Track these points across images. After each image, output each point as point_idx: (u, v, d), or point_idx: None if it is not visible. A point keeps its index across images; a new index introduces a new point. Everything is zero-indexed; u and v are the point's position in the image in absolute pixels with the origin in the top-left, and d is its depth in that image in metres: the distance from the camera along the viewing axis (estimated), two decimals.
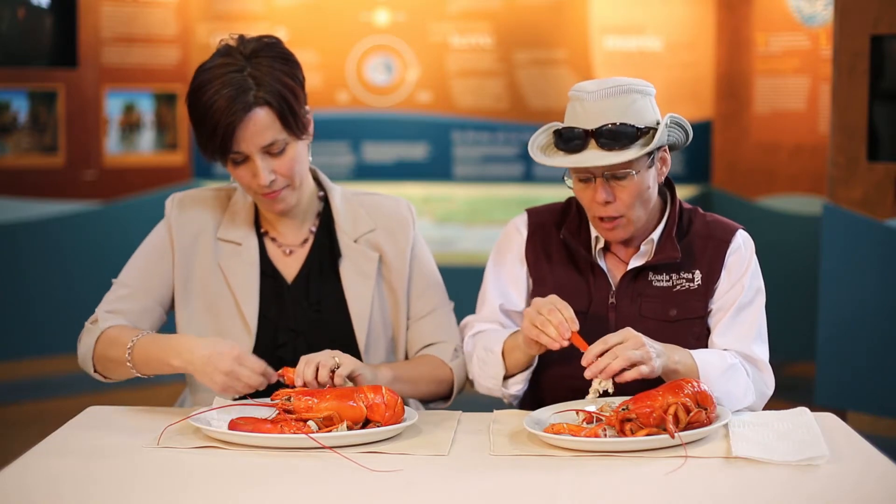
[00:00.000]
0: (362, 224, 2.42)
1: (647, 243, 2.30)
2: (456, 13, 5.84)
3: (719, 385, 2.15)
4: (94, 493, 1.78)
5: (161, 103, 5.83)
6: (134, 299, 2.37)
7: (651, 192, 2.25)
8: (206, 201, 2.41)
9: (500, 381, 2.28)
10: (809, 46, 5.47)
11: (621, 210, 2.22)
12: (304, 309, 2.36)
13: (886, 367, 4.21)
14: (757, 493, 1.76)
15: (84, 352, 2.33)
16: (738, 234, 2.32)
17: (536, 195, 5.74)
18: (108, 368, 2.31)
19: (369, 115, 5.84)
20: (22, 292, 5.46)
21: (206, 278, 2.36)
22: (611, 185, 2.20)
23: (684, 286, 2.29)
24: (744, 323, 2.28)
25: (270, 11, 5.73)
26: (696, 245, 2.31)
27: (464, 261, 5.79)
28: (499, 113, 5.87)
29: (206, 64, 2.25)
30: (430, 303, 2.45)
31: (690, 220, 2.34)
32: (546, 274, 2.36)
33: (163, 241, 2.39)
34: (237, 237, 2.37)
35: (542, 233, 2.39)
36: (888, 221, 4.20)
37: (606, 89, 2.19)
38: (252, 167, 2.24)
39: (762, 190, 5.67)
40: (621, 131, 2.16)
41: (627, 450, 1.95)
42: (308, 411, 2.03)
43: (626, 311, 2.29)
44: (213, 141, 2.21)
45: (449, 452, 1.97)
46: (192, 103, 2.24)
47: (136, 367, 2.25)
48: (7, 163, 5.45)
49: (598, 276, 2.32)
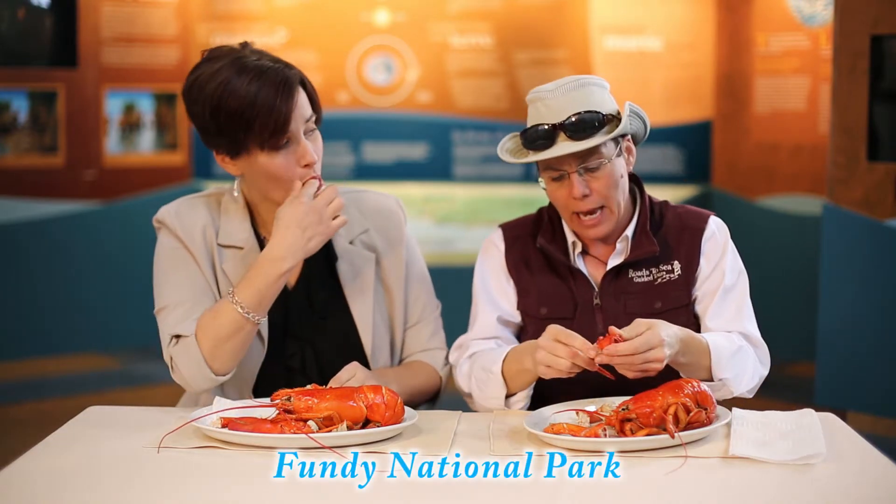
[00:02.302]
0: (356, 225, 2.40)
1: (623, 240, 2.32)
2: (456, 13, 5.84)
3: (732, 366, 2.18)
4: (93, 492, 1.78)
5: (161, 103, 5.83)
6: (192, 311, 2.24)
7: (624, 180, 2.28)
8: (198, 208, 2.34)
9: (503, 401, 2.28)
10: (809, 46, 5.47)
11: (600, 200, 2.24)
12: (308, 315, 2.35)
13: (886, 367, 4.21)
14: (757, 493, 1.76)
15: (193, 365, 2.20)
16: (710, 220, 2.35)
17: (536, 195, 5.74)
18: (224, 351, 2.19)
19: (369, 115, 5.84)
20: (22, 292, 5.46)
21: (216, 284, 2.31)
22: (585, 179, 2.22)
23: (665, 278, 2.31)
24: (732, 304, 2.30)
25: (270, 11, 5.73)
26: (670, 237, 2.33)
27: (464, 261, 5.80)
28: (499, 113, 5.87)
29: (210, 66, 2.21)
30: (424, 309, 2.46)
31: (662, 214, 2.37)
32: (528, 284, 2.37)
33: (177, 250, 2.30)
34: (238, 241, 2.32)
35: (518, 244, 2.40)
36: (888, 221, 4.20)
37: (564, 85, 2.23)
38: (297, 149, 2.21)
39: (762, 190, 5.67)
40: (587, 119, 2.19)
41: (627, 450, 1.95)
42: (308, 411, 2.03)
43: (611, 310, 2.30)
44: (265, 128, 2.17)
45: (449, 452, 1.97)
46: (225, 96, 2.17)
47: (253, 310, 2.17)
48: (7, 163, 5.45)
49: (578, 280, 2.33)
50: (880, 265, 4.21)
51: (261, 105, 2.17)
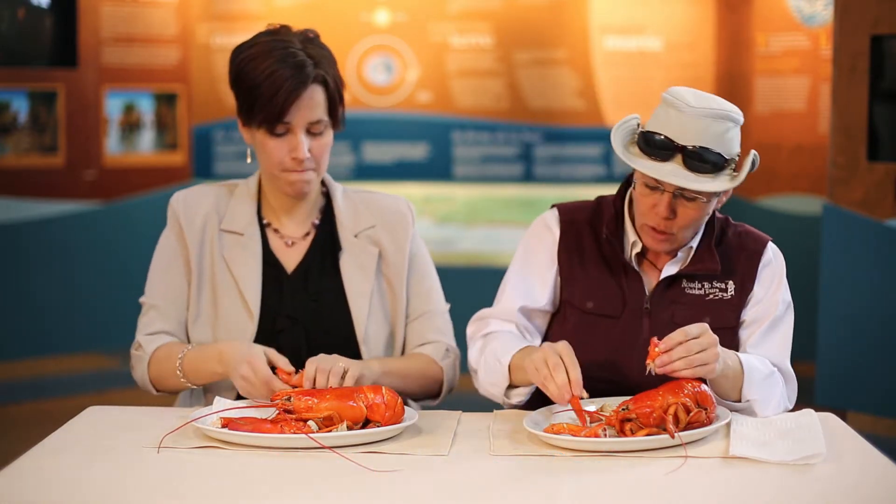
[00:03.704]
0: (363, 220, 2.45)
1: (686, 250, 2.27)
2: (456, 13, 5.84)
3: (761, 390, 2.14)
4: (94, 493, 1.78)
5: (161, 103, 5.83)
6: (167, 316, 2.41)
7: (706, 218, 2.23)
8: (207, 195, 2.45)
9: (503, 391, 2.27)
10: (809, 46, 5.47)
11: (679, 229, 2.19)
12: (302, 299, 2.39)
13: (886, 367, 4.20)
14: (757, 493, 1.76)
15: (141, 378, 2.40)
16: (769, 247, 2.31)
17: (536, 195, 5.75)
18: (166, 386, 2.39)
19: (369, 115, 5.84)
20: (22, 292, 5.46)
21: (211, 268, 2.40)
22: (676, 202, 2.16)
23: (717, 295, 2.27)
24: (776, 336, 2.27)
25: (270, 11, 5.73)
26: (729, 255, 2.29)
27: (464, 261, 5.80)
28: (499, 113, 5.86)
29: (257, 38, 2.35)
30: (426, 303, 2.46)
31: (723, 230, 2.32)
32: (577, 274, 2.32)
33: (174, 246, 2.42)
34: (239, 228, 2.41)
35: (574, 231, 2.34)
36: (888, 221, 4.20)
37: (708, 109, 2.12)
38: (292, 140, 2.32)
39: (762, 190, 5.67)
40: (712, 160, 2.11)
41: (627, 450, 1.95)
42: (308, 411, 2.03)
43: (659, 317, 2.26)
44: (269, 106, 2.28)
45: (449, 452, 1.97)
46: (247, 69, 2.31)
47: (189, 380, 2.33)
48: (7, 163, 5.45)
49: (631, 280, 2.28)
50: (880, 265, 4.21)
51: (266, 88, 2.28)
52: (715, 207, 2.25)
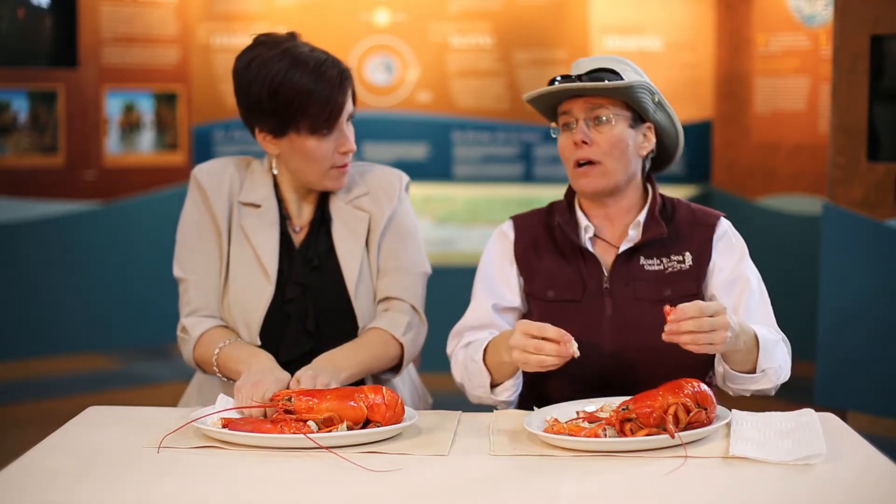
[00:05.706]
0: (355, 189, 2.56)
1: (635, 227, 2.34)
2: (456, 13, 5.84)
3: (775, 356, 2.20)
4: (93, 493, 1.78)
5: (161, 103, 5.83)
6: (206, 288, 2.48)
7: (630, 153, 2.31)
8: (228, 166, 2.55)
9: (489, 390, 2.29)
10: (809, 46, 5.47)
11: (597, 155, 2.28)
12: (304, 266, 2.48)
13: (886, 366, 4.21)
14: (757, 493, 1.76)
15: (187, 360, 2.50)
16: (722, 220, 2.39)
17: (536, 195, 5.75)
18: (210, 372, 2.47)
19: (369, 115, 5.84)
20: (22, 292, 5.46)
21: (232, 239, 2.49)
22: (591, 131, 2.27)
23: (675, 268, 2.33)
24: (762, 306, 2.33)
25: (270, 11, 5.73)
26: (682, 230, 2.36)
27: (464, 261, 5.80)
28: (499, 113, 5.87)
29: (267, 51, 2.38)
30: (395, 259, 2.53)
31: (675, 207, 2.40)
32: (536, 267, 2.39)
33: (203, 216, 2.50)
34: (258, 199, 2.50)
35: (528, 232, 2.43)
36: (888, 221, 4.20)
37: (601, 56, 2.35)
38: (338, 136, 2.43)
39: (762, 190, 5.67)
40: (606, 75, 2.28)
41: (627, 450, 1.95)
42: (308, 412, 2.03)
43: (620, 294, 2.31)
44: (325, 110, 2.38)
45: (449, 452, 1.97)
46: (289, 82, 2.36)
47: (223, 374, 2.41)
48: (7, 163, 5.45)
49: (588, 263, 2.34)
50: (880, 265, 4.21)
51: (319, 94, 2.37)
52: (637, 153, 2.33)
